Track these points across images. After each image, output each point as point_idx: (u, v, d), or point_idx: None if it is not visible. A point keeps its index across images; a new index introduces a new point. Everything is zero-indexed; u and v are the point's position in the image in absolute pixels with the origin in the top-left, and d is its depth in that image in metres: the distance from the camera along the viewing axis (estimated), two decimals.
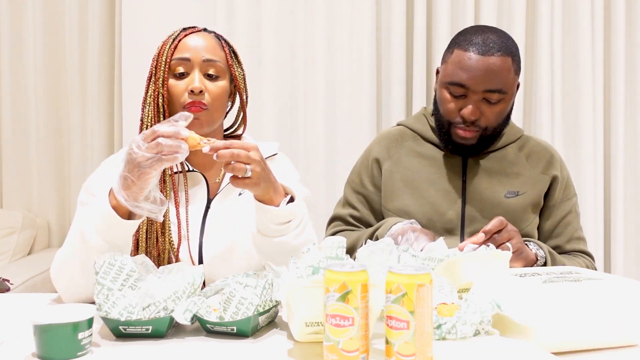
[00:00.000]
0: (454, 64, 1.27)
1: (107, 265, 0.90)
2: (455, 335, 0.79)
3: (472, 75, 1.24)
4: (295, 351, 0.84)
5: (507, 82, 1.26)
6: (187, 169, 1.22)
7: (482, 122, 1.28)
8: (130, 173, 0.94)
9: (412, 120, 1.48)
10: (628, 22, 2.47)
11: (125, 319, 0.86)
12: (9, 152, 2.70)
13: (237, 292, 0.87)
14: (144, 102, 1.20)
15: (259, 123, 2.37)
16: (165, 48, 1.20)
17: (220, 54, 1.22)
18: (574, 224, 1.40)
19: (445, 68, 1.30)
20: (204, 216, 1.21)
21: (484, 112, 1.27)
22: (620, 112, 2.45)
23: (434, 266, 1.00)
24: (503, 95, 1.26)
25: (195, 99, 1.16)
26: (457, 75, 1.26)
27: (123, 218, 0.98)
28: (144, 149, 0.92)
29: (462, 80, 1.25)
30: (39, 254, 2.58)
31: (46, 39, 2.67)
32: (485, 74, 1.24)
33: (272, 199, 1.05)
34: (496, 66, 1.24)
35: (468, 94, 1.26)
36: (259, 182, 1.00)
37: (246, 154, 0.98)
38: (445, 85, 1.29)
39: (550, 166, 1.39)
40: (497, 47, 1.25)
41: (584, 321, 0.81)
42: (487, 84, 1.24)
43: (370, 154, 1.46)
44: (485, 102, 1.26)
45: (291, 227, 1.07)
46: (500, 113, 1.29)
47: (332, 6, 2.41)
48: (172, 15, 2.45)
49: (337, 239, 0.91)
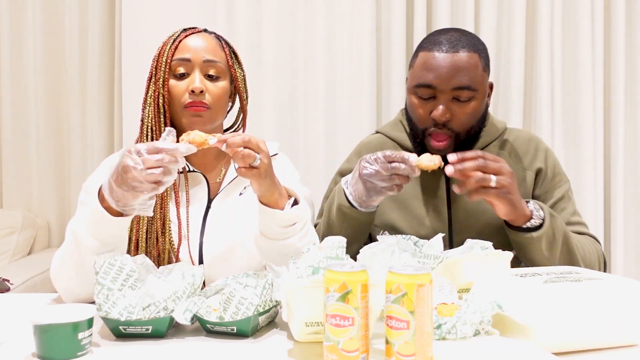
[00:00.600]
0: (419, 66, 1.22)
1: (107, 265, 0.90)
2: (455, 335, 0.79)
3: (439, 74, 1.19)
4: (295, 351, 0.84)
5: (476, 78, 1.20)
6: (187, 170, 1.22)
7: (454, 124, 1.22)
8: (120, 188, 0.93)
9: (389, 128, 1.42)
10: (628, 22, 2.47)
11: (125, 319, 0.86)
12: (9, 152, 2.70)
13: (237, 292, 0.87)
14: (144, 102, 1.21)
15: (259, 123, 2.37)
16: (165, 49, 1.20)
17: (220, 54, 1.23)
18: (569, 209, 1.33)
19: (412, 73, 1.25)
20: (205, 216, 1.21)
21: (455, 113, 1.21)
22: (620, 112, 2.45)
23: (434, 266, 1.00)
24: (473, 92, 1.20)
25: (195, 99, 1.17)
26: (423, 76, 1.21)
27: (114, 216, 0.98)
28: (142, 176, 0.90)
29: (428, 81, 1.20)
30: (39, 254, 2.58)
31: (46, 39, 2.67)
32: (452, 71, 1.18)
33: (277, 202, 1.05)
34: (463, 62, 1.19)
35: (437, 94, 1.21)
36: (266, 176, 1.00)
37: (256, 142, 0.99)
38: (413, 90, 1.24)
39: (534, 159, 1.34)
40: (462, 44, 1.21)
41: (584, 321, 0.81)
42: (454, 81, 1.19)
43: (350, 166, 1.40)
44: (455, 101, 1.21)
45: (296, 230, 1.08)
46: (472, 113, 1.23)
47: (332, 6, 2.41)
48: (172, 15, 2.45)
49: (337, 239, 0.91)
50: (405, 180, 1.13)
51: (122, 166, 0.92)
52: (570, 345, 0.82)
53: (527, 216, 1.15)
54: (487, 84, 1.26)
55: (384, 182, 1.13)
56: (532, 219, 1.16)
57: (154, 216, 1.16)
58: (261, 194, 1.04)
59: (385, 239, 1.07)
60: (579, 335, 0.81)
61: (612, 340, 0.84)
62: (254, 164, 0.98)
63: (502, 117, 2.43)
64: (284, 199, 1.06)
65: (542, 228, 1.15)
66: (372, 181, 1.13)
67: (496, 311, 0.83)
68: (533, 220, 1.15)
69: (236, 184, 1.24)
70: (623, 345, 0.84)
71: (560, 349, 0.80)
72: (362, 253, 0.99)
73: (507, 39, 2.43)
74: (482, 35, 2.41)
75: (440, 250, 1.03)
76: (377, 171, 1.12)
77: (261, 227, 1.09)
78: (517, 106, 2.40)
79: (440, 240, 1.05)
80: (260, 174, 0.99)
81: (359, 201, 1.19)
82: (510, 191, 1.10)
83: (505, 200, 1.11)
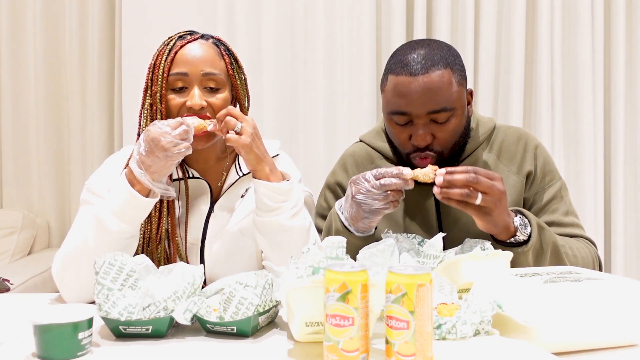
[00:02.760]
0: (390, 92, 1.17)
1: (107, 265, 0.90)
2: (455, 335, 0.79)
3: (410, 101, 1.13)
4: (295, 351, 0.84)
5: (450, 97, 1.14)
6: (188, 176, 1.22)
7: (436, 145, 1.17)
8: (152, 155, 1.04)
9: (372, 137, 1.37)
10: (628, 22, 2.47)
11: (125, 319, 0.86)
12: (9, 152, 2.70)
13: (237, 292, 0.87)
14: (140, 114, 1.19)
15: (259, 123, 2.33)
16: (161, 60, 1.16)
17: (219, 64, 1.19)
18: (561, 209, 1.27)
19: (384, 98, 1.20)
20: (207, 219, 1.21)
21: (436, 135, 1.16)
22: (620, 112, 2.45)
23: (434, 266, 1.00)
24: (450, 112, 1.15)
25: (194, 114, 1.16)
26: (395, 103, 1.16)
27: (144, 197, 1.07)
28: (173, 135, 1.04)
29: (401, 108, 1.15)
30: (39, 254, 2.58)
31: (46, 39, 2.67)
32: (425, 96, 1.12)
33: (268, 176, 1.12)
34: (434, 84, 1.12)
35: (413, 119, 1.16)
36: (250, 144, 1.09)
37: (239, 112, 1.12)
38: (389, 117, 1.19)
39: (524, 161, 1.28)
40: (430, 62, 1.13)
41: (585, 321, 0.81)
42: (429, 106, 1.13)
43: (335, 178, 1.36)
44: (433, 123, 1.16)
45: (286, 208, 1.12)
46: (453, 131, 1.18)
47: (332, 6, 2.41)
48: (172, 15, 2.44)
49: (337, 239, 0.91)
50: (399, 195, 1.09)
51: (152, 138, 1.03)
52: (570, 345, 0.82)
53: (511, 232, 1.11)
54: (464, 97, 1.20)
55: (378, 202, 1.08)
56: (516, 235, 1.11)
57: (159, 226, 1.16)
58: (252, 167, 1.12)
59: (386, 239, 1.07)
60: (579, 335, 0.81)
61: (612, 340, 0.84)
62: (236, 130, 1.09)
63: (502, 117, 2.43)
64: (276, 176, 1.13)
65: (527, 244, 1.11)
66: (366, 201, 1.09)
67: (496, 311, 0.83)
68: (517, 236, 1.11)
69: (237, 187, 1.24)
70: (623, 345, 0.84)
71: (560, 349, 0.80)
72: (361, 253, 0.99)
73: (507, 39, 2.43)
74: (482, 35, 2.41)
75: (440, 250, 1.03)
76: (369, 190, 1.08)
77: (255, 203, 1.14)
78: (517, 106, 2.40)
79: (441, 240, 1.05)
80: (243, 142, 1.09)
81: (355, 226, 1.14)
82: (492, 212, 1.06)
83: (485, 219, 1.07)
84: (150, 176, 1.05)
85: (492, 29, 2.41)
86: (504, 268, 1.02)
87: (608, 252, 2.49)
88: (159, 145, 1.03)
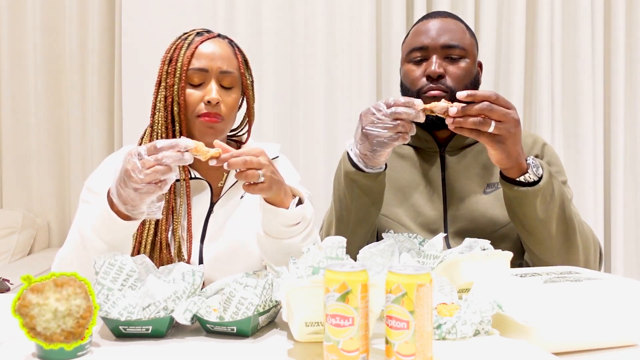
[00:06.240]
0: (411, 37, 1.33)
1: (107, 265, 0.90)
2: (455, 335, 0.79)
3: (429, 35, 1.28)
4: (295, 351, 0.84)
5: (465, 41, 1.28)
6: (190, 177, 1.22)
7: (448, 80, 1.26)
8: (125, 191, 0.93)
9: None
10: (628, 22, 2.47)
11: (125, 319, 0.86)
12: (9, 152, 2.70)
13: (237, 292, 0.87)
14: (153, 107, 1.18)
15: (259, 123, 2.36)
16: (180, 54, 1.16)
17: (234, 63, 1.20)
18: None
19: (404, 47, 1.34)
20: (206, 219, 1.21)
21: (448, 70, 1.26)
22: (620, 112, 2.45)
23: (434, 266, 1.00)
24: (463, 51, 1.27)
25: (211, 110, 1.16)
26: (415, 42, 1.30)
27: (122, 219, 0.98)
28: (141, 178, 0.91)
29: (420, 43, 1.28)
30: (39, 254, 2.58)
31: (46, 39, 2.67)
32: (442, 30, 1.27)
33: (283, 201, 1.05)
34: (451, 25, 1.29)
35: (429, 54, 1.27)
36: (271, 186, 1.00)
37: (257, 160, 0.98)
38: (407, 59, 1.31)
39: (531, 150, 1.32)
40: (450, 15, 1.32)
41: (584, 321, 0.81)
42: (444, 39, 1.27)
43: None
44: (447, 60, 1.27)
45: (300, 229, 1.08)
46: (465, 71, 1.27)
47: (332, 6, 2.41)
48: (173, 15, 2.45)
49: (337, 239, 0.91)
50: (409, 128, 1.08)
51: (124, 170, 0.93)
52: (570, 345, 0.82)
53: (523, 169, 1.10)
54: (476, 52, 1.32)
55: (387, 131, 1.07)
56: (527, 173, 1.11)
57: (160, 227, 1.16)
58: (267, 197, 1.04)
59: (386, 239, 1.07)
60: (579, 335, 0.81)
61: (612, 340, 0.84)
62: (257, 181, 0.98)
63: None
64: (288, 198, 1.06)
65: (538, 184, 1.10)
66: (375, 131, 1.08)
67: (496, 311, 0.83)
68: (527, 175, 1.10)
69: (237, 188, 1.24)
70: (623, 345, 0.84)
71: (560, 349, 0.80)
72: (362, 253, 0.99)
73: (507, 39, 2.43)
74: (482, 35, 2.41)
75: (440, 250, 1.03)
76: (379, 119, 1.08)
77: (264, 226, 1.09)
78: (517, 106, 2.40)
79: (441, 240, 1.05)
80: (264, 188, 1.00)
81: (365, 160, 1.14)
82: (506, 140, 1.05)
83: (498, 148, 1.07)
84: (124, 207, 0.96)
85: (492, 29, 2.41)
86: (504, 268, 1.02)
87: (608, 252, 2.49)
88: (131, 179, 0.92)
